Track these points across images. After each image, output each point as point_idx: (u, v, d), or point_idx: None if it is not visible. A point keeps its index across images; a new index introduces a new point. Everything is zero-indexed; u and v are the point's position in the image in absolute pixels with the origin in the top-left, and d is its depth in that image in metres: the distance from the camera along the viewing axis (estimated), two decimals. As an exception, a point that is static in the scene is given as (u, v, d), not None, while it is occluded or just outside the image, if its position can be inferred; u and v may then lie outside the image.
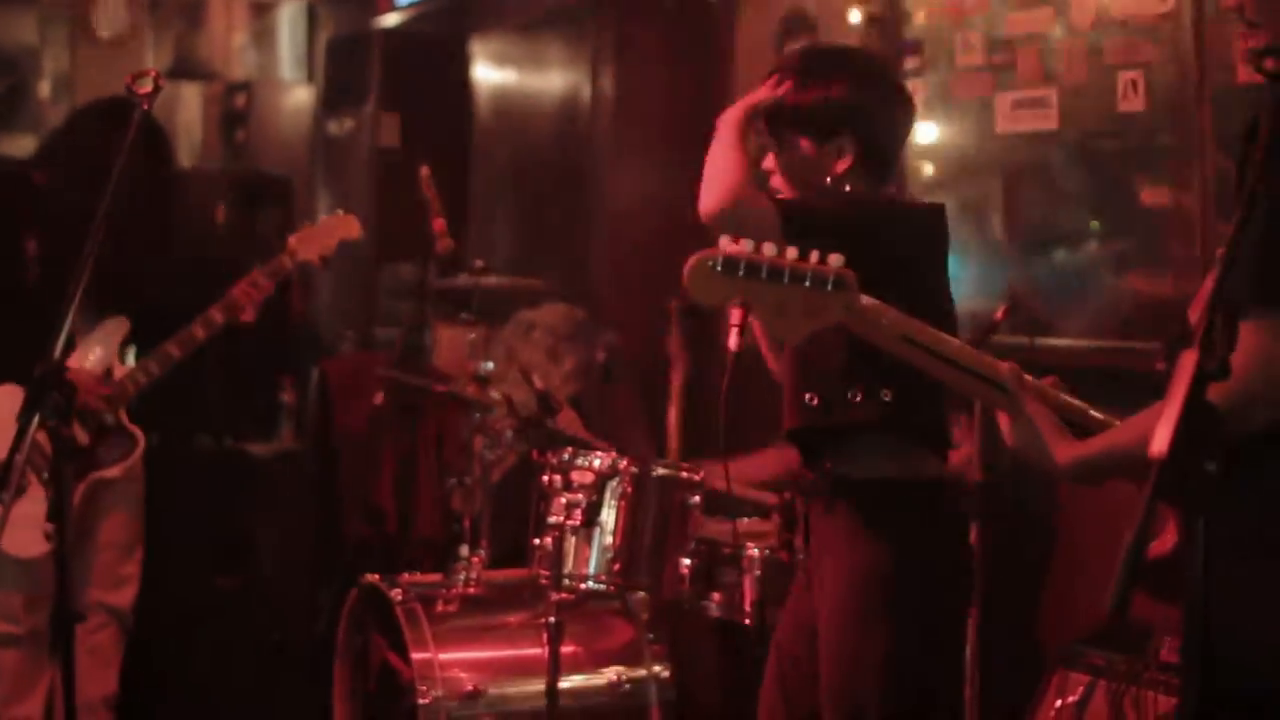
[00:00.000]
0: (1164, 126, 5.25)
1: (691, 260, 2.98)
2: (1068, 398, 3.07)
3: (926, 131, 6.17)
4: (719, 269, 2.96)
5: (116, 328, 5.50)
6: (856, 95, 3.92)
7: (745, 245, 2.96)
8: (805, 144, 3.92)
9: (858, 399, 3.73)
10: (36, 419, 3.60)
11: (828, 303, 2.98)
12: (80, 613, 4.65)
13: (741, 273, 2.95)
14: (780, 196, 3.89)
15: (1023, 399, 3.02)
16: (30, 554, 4.97)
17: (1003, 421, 3.09)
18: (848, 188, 3.91)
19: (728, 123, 3.89)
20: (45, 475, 4.84)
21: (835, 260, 3.01)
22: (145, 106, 3.90)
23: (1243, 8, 2.91)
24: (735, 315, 3.72)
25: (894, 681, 3.82)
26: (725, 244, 2.96)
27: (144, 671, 5.81)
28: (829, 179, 3.91)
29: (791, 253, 2.99)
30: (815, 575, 3.98)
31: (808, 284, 2.96)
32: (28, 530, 4.28)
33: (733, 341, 3.67)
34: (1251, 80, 4.74)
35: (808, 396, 3.87)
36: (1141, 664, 4.50)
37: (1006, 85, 5.80)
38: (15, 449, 3.60)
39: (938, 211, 4.10)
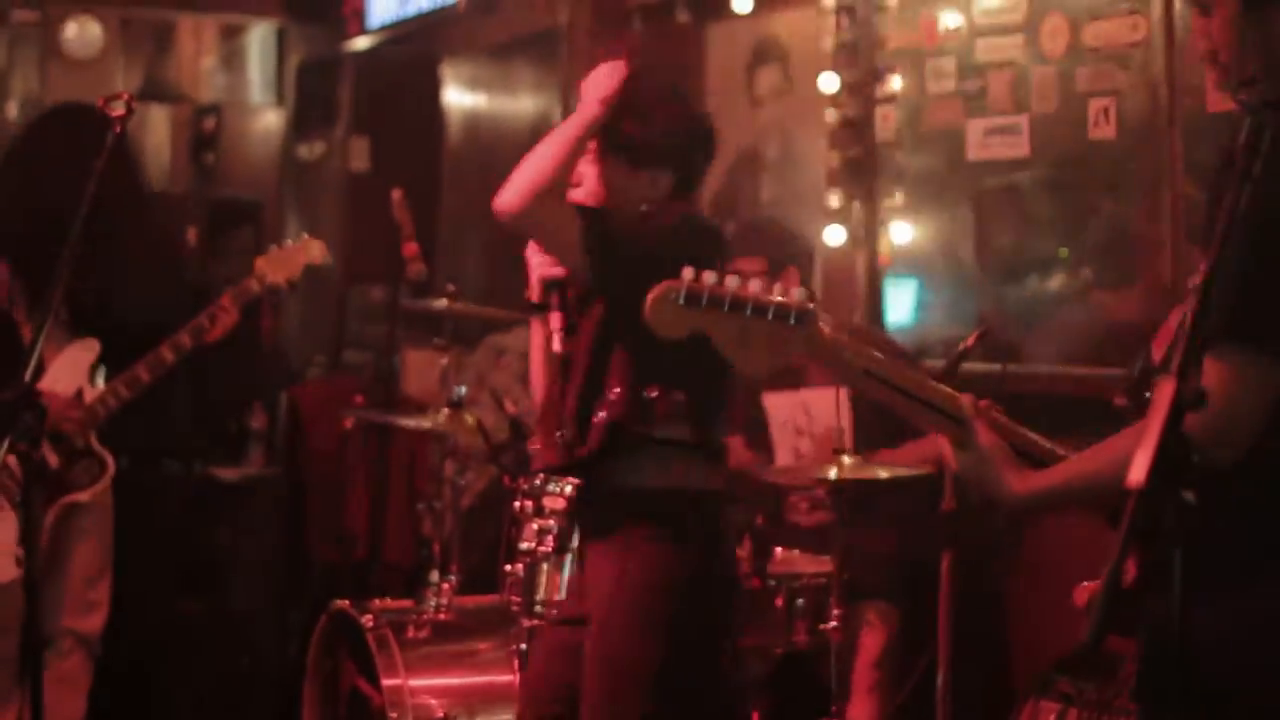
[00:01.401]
0: (1135, 154, 5.26)
1: (654, 291, 2.96)
2: (1028, 432, 3.07)
3: (898, 159, 6.18)
4: (681, 301, 2.94)
5: (87, 350, 5.47)
6: (683, 134, 4.00)
7: (708, 277, 2.95)
8: (627, 168, 3.94)
9: (649, 408, 3.80)
10: (7, 442, 3.58)
11: (790, 336, 2.97)
12: (48, 639, 4.64)
13: (704, 304, 2.93)
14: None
15: (975, 430, 3.02)
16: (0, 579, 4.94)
17: (949, 451, 3.08)
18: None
19: (585, 121, 3.88)
20: (16, 499, 4.82)
21: (798, 294, 3.00)
22: (118, 130, 3.88)
23: (1215, 53, 2.92)
24: (555, 320, 3.77)
25: (658, 690, 3.86)
26: (688, 276, 2.96)
27: (112, 697, 5.77)
28: (642, 205, 3.96)
29: (755, 285, 2.98)
30: (587, 588, 3.99)
31: (770, 317, 2.95)
32: (-3, 555, 4.25)
33: (556, 344, 3.71)
34: (1222, 108, 4.76)
35: (559, 434, 3.92)
36: (1112, 692, 4.50)
37: (978, 112, 5.81)
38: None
39: (719, 232, 4.14)
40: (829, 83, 6.32)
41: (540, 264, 4.00)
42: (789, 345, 2.99)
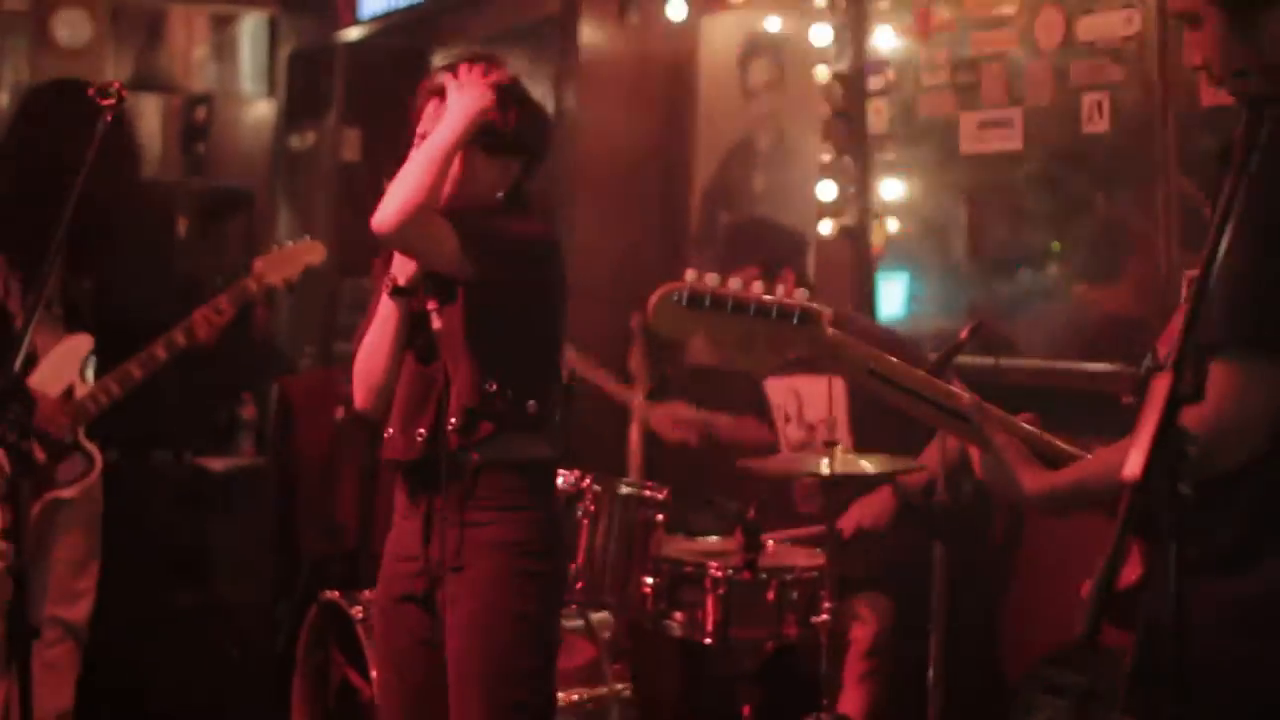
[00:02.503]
0: (1128, 148, 5.25)
1: (656, 294, 2.98)
2: (1037, 431, 3.06)
3: (890, 151, 6.17)
4: (684, 303, 2.95)
5: (80, 344, 5.45)
6: (533, 124, 4.01)
7: (710, 279, 2.95)
8: (484, 156, 3.93)
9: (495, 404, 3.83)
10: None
11: (794, 336, 2.98)
12: (35, 628, 4.62)
13: (706, 306, 2.94)
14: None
15: (989, 430, 3.01)
16: (-16, 571, 4.93)
17: (972, 453, 3.08)
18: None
19: (458, 136, 3.86)
20: (3, 491, 4.81)
21: (800, 294, 3.01)
22: (108, 119, 3.87)
23: (1209, 64, 2.91)
24: (430, 303, 3.78)
25: (536, 637, 3.90)
26: (691, 277, 2.96)
27: (100, 686, 5.76)
28: (497, 191, 3.97)
29: (757, 287, 2.99)
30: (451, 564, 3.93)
31: (774, 317, 2.96)
32: (-19, 548, 4.23)
33: (436, 323, 3.72)
34: (1216, 102, 4.75)
35: (419, 433, 3.91)
36: (1108, 682, 4.50)
37: (971, 105, 5.80)
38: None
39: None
40: (821, 75, 6.31)
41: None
42: (793, 345, 3.00)
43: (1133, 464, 2.24)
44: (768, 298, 2.97)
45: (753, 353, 3.01)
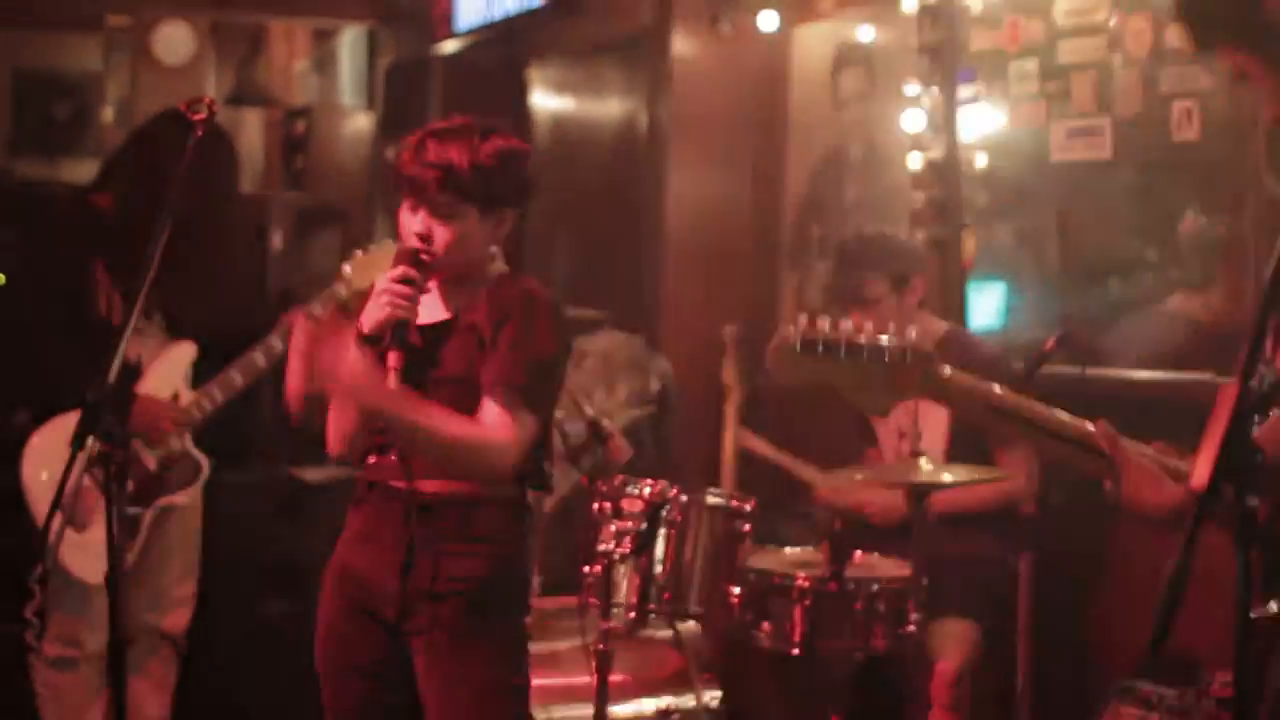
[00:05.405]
0: (1218, 156, 5.22)
1: (773, 343, 3.04)
2: (1165, 459, 3.03)
3: (981, 160, 6.16)
4: (799, 350, 3.00)
5: (184, 353, 5.52)
6: (517, 168, 3.98)
7: (822, 324, 2.99)
8: (477, 216, 3.90)
9: None
10: (91, 442, 3.61)
11: (908, 376, 3.01)
12: (134, 636, 4.68)
13: (820, 351, 2.99)
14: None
15: (1122, 460, 2.98)
16: (97, 579, 4.97)
17: (1110, 487, 3.06)
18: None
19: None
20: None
21: (911, 333, 3.03)
22: (199, 133, 3.92)
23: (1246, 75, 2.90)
24: (393, 359, 3.77)
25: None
26: (803, 322, 3.00)
27: (196, 695, 5.83)
28: (491, 246, 3.98)
29: (868, 329, 3.01)
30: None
31: (885, 359, 2.98)
32: (95, 556, 4.28)
33: (390, 382, 3.72)
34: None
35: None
36: (1194, 697, 4.47)
37: (1061, 114, 5.78)
38: (66, 475, 3.63)
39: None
40: (912, 85, 6.30)
41: (390, 300, 3.83)
42: (908, 386, 3.03)
43: (1199, 473, 2.24)
44: (879, 341, 3.00)
45: (871, 394, 3.05)
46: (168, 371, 5.48)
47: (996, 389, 3.07)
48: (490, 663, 3.95)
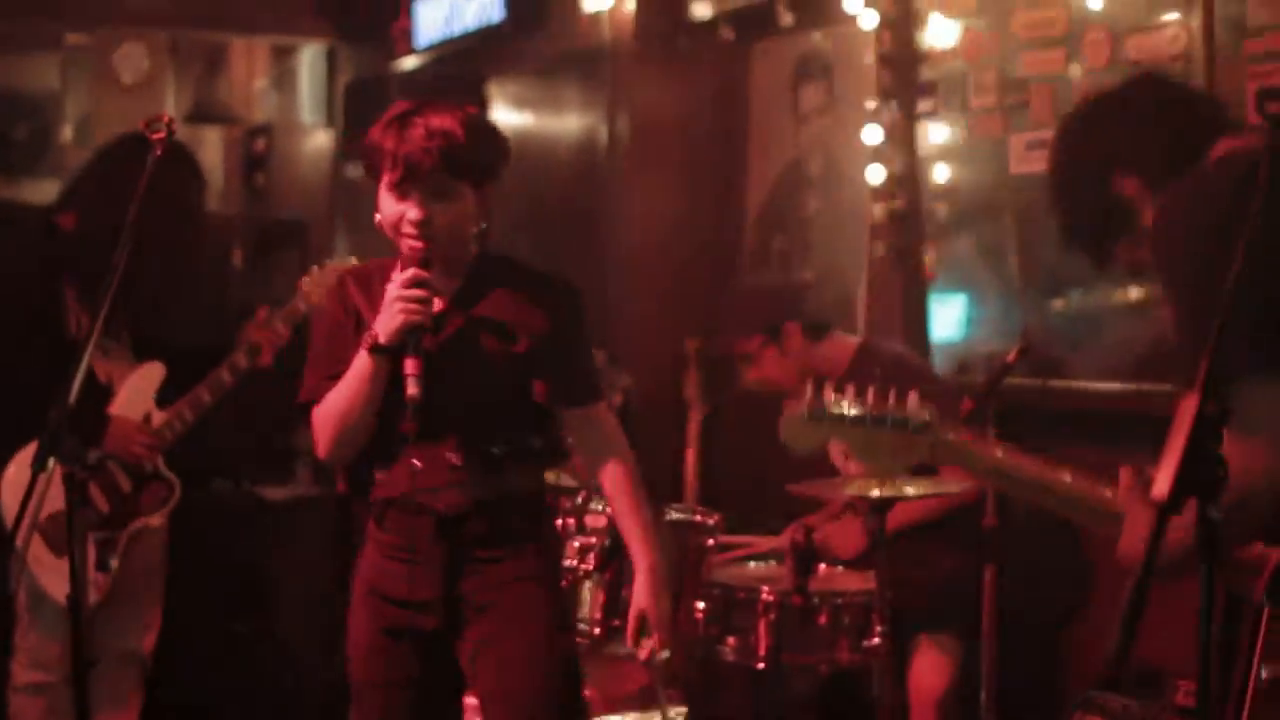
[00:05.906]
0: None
1: (784, 413, 3.10)
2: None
3: (941, 173, 6.17)
4: (809, 418, 3.07)
5: (153, 374, 5.51)
6: (500, 142, 3.99)
7: (828, 394, 3.05)
8: (473, 193, 3.89)
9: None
10: (53, 464, 3.60)
11: (913, 443, 3.07)
12: (98, 658, 4.66)
13: (827, 419, 3.06)
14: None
15: (1135, 514, 2.94)
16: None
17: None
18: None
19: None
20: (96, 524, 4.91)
21: (913, 401, 3.05)
22: (158, 152, 3.91)
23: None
24: (409, 365, 3.74)
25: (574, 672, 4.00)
26: (809, 394, 3.06)
27: (162, 716, 5.81)
28: (481, 223, 3.98)
29: (871, 397, 3.05)
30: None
31: (890, 427, 3.04)
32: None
33: (412, 390, 3.70)
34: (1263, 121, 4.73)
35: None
36: (1158, 708, 4.48)
37: (1020, 126, 5.80)
38: (27, 497, 3.61)
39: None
40: (871, 100, 6.32)
41: (404, 307, 3.77)
42: (914, 452, 3.09)
43: (1159, 486, 2.25)
44: (882, 410, 3.05)
45: (880, 459, 3.10)
46: (138, 392, 5.47)
47: (999, 452, 3.09)
48: (540, 618, 3.90)
